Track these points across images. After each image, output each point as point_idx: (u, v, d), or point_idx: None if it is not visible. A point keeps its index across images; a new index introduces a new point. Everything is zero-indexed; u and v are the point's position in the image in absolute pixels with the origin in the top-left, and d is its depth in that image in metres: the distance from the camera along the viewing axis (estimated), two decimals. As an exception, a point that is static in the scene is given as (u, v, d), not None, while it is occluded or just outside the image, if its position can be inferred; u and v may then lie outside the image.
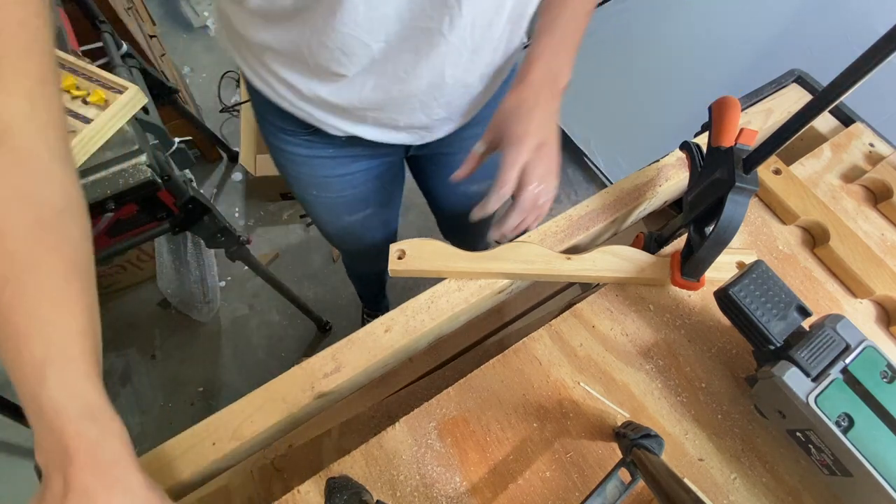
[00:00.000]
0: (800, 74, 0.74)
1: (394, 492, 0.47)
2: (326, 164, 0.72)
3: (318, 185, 0.76)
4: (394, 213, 0.95)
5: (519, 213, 0.50)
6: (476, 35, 0.51)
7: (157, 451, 0.47)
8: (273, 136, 0.70)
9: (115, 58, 0.90)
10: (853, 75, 0.38)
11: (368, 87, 0.55)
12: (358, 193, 0.79)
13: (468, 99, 0.63)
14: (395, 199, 0.92)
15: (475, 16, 0.48)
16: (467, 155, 0.77)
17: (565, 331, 0.55)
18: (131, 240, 0.87)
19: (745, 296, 0.47)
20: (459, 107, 0.64)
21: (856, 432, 0.41)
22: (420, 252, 0.55)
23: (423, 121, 0.63)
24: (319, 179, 0.75)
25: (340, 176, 0.74)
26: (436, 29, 0.48)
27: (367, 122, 0.62)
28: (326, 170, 0.73)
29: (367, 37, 0.48)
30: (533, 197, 0.49)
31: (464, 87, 0.59)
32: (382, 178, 0.80)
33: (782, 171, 0.64)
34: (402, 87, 0.55)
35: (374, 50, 0.50)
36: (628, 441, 0.43)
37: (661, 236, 0.63)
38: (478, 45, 0.53)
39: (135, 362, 1.49)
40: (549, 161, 0.50)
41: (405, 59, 0.52)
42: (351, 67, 0.52)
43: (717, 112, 0.53)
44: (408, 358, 0.58)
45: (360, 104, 0.58)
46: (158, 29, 1.85)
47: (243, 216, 1.76)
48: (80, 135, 0.66)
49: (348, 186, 0.77)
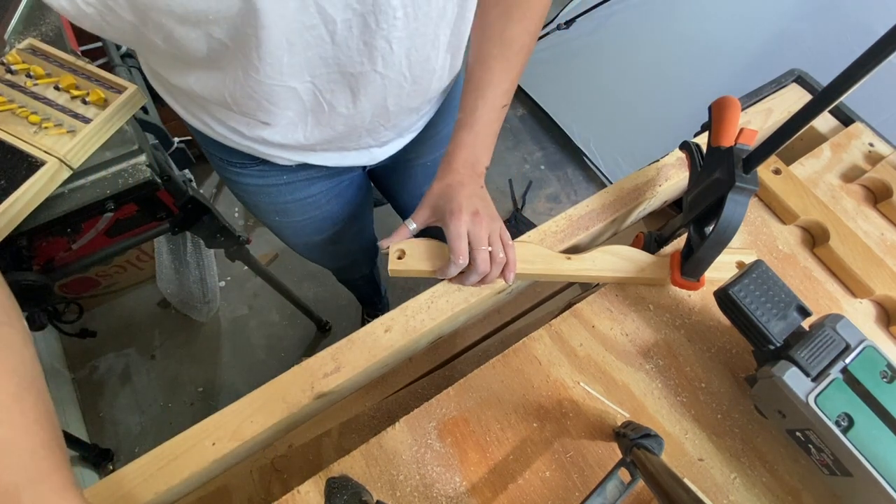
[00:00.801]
0: (800, 74, 0.74)
1: (394, 492, 0.47)
2: (283, 190, 0.70)
3: (280, 211, 0.74)
4: (366, 222, 0.94)
5: (477, 275, 0.51)
6: (416, 69, 0.51)
7: (157, 451, 0.47)
8: (223, 170, 0.68)
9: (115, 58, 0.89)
10: (853, 75, 0.38)
11: (310, 127, 0.54)
12: (323, 213, 0.78)
13: (416, 118, 0.64)
14: (364, 211, 0.90)
15: (409, 50, 0.48)
16: (428, 157, 0.79)
17: (565, 331, 0.55)
18: (131, 240, 0.87)
19: (744, 296, 0.47)
20: (409, 125, 0.64)
21: (856, 432, 0.41)
22: (420, 252, 0.55)
23: (371, 144, 0.63)
24: (279, 206, 0.73)
25: (300, 200, 0.73)
26: (369, 70, 0.48)
27: (315, 152, 0.61)
28: (284, 196, 0.71)
29: (294, 83, 0.46)
30: (485, 258, 0.50)
31: (408, 110, 0.59)
32: (345, 196, 0.78)
33: (782, 171, 0.64)
34: (345, 121, 0.54)
35: (304, 94, 0.49)
36: (628, 441, 0.43)
37: (661, 236, 0.63)
38: (417, 76, 0.53)
39: (135, 362, 1.49)
40: (490, 222, 0.52)
41: (341, 98, 0.51)
42: (282, 115, 0.51)
43: (717, 112, 0.53)
44: (408, 358, 0.58)
45: (305, 141, 0.56)
46: (158, 29, 1.84)
47: (243, 216, 1.76)
48: (79, 135, 0.66)
49: (311, 208, 0.75)
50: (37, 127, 0.66)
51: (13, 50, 0.72)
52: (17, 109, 0.67)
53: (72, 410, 1.35)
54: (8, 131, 0.65)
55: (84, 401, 1.41)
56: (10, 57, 0.71)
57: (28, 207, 0.63)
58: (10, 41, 0.77)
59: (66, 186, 0.68)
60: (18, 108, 0.67)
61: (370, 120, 0.56)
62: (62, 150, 0.65)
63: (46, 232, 0.69)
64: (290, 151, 0.60)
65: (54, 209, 0.67)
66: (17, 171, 0.62)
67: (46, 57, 0.72)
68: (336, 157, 0.63)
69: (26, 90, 0.69)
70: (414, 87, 0.54)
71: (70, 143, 0.65)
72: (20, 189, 0.61)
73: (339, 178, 0.74)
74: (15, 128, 0.66)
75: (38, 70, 0.70)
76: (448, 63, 0.56)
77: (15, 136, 0.65)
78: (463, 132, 0.55)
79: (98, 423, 1.39)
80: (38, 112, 0.67)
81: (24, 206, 0.63)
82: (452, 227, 0.50)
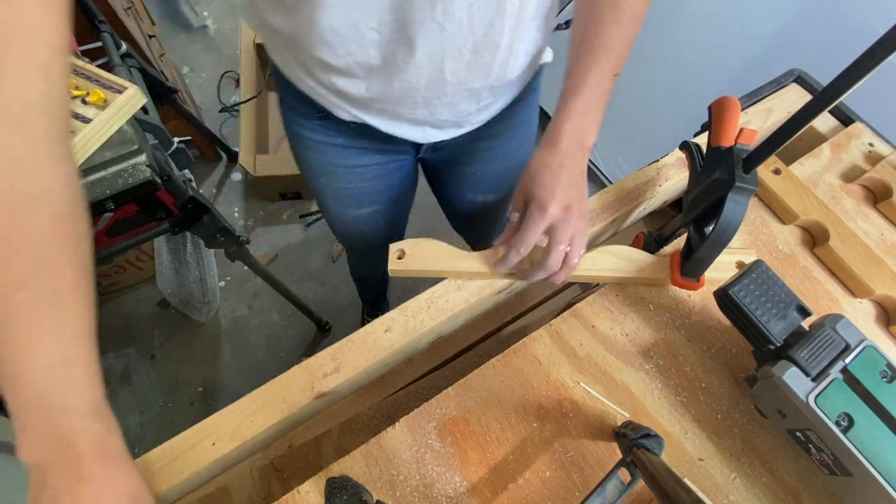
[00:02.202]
0: (800, 74, 0.74)
1: (394, 492, 0.47)
2: (337, 152, 0.73)
3: (328, 173, 0.77)
4: (402, 213, 0.95)
5: (545, 271, 0.50)
6: (477, 33, 0.51)
7: (157, 451, 0.47)
8: (290, 119, 0.72)
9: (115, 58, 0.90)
10: (853, 75, 0.38)
11: (371, 79, 0.56)
12: (366, 188, 0.80)
13: (474, 105, 0.63)
14: (405, 201, 0.92)
15: (471, 6, 0.48)
16: (479, 168, 0.79)
17: (565, 331, 0.55)
18: (131, 240, 0.87)
19: (744, 295, 0.47)
20: (465, 112, 0.64)
21: (856, 432, 0.41)
22: (420, 252, 0.55)
23: (426, 119, 0.63)
24: (329, 168, 0.76)
25: (349, 167, 0.75)
26: (428, 17, 0.48)
27: (372, 110, 0.62)
28: (336, 158, 0.74)
29: (361, 26, 0.49)
30: (559, 257, 0.49)
31: (467, 90, 0.59)
32: (392, 177, 0.80)
33: (782, 171, 0.64)
34: (401, 77, 0.55)
35: (369, 41, 0.51)
36: (628, 441, 0.43)
37: (661, 236, 0.63)
38: (479, 46, 0.53)
39: (135, 362, 1.49)
40: (578, 221, 0.49)
41: (402, 49, 0.52)
42: (347, 60, 0.53)
43: (716, 112, 0.53)
44: (408, 358, 0.58)
45: (366, 93, 0.58)
46: (158, 29, 1.85)
47: (243, 216, 1.76)
48: (79, 135, 0.66)
49: (357, 179, 0.78)
50: (37, 127, 0.66)
51: (13, 50, 0.72)
52: (17, 109, 0.67)
53: (72, 410, 1.35)
54: (8, 131, 0.65)
55: (84, 401, 1.41)
56: (9, 57, 0.71)
57: (28, 207, 0.63)
58: (10, 41, 0.76)
59: (65, 186, 0.68)
60: (18, 108, 0.67)
61: (426, 83, 0.56)
62: (62, 150, 0.65)
63: (46, 232, 0.69)
64: (352, 104, 0.61)
65: (54, 209, 0.67)
66: (16, 171, 0.62)
67: (46, 57, 0.72)
68: (390, 124, 0.64)
69: (26, 90, 0.69)
70: (474, 59, 0.54)
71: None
72: (20, 189, 0.61)
73: (390, 156, 0.76)
74: (15, 128, 0.66)
75: (37, 70, 0.70)
76: (512, 47, 0.55)
77: (15, 136, 0.65)
78: (571, 100, 0.51)
79: (98, 423, 1.39)
80: (37, 112, 0.67)
81: (24, 206, 0.63)
82: (535, 218, 0.48)
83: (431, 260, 0.54)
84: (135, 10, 1.52)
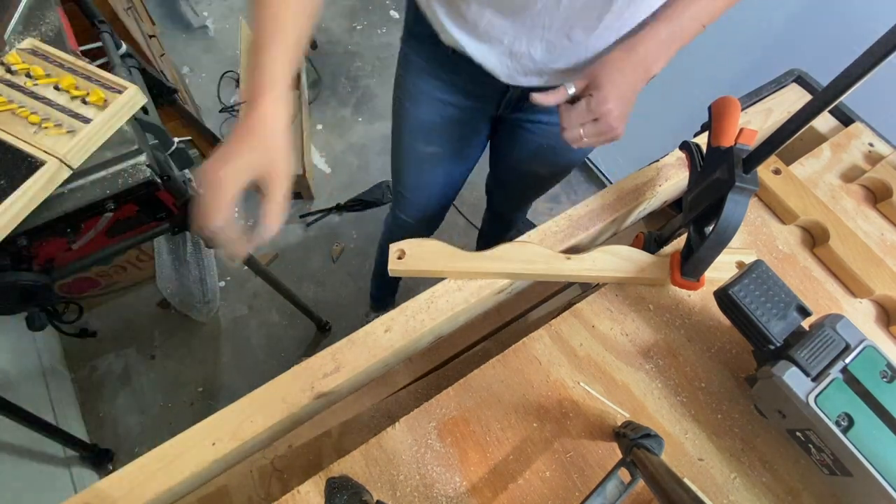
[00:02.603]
0: (800, 74, 0.74)
1: (394, 492, 0.47)
2: (428, 81, 0.78)
3: (413, 97, 0.81)
4: (462, 169, 0.98)
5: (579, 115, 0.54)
6: None
7: (158, 451, 0.47)
8: (405, 43, 0.78)
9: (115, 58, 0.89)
10: (853, 75, 0.38)
11: None
12: (441, 124, 0.83)
13: (565, 56, 0.64)
14: (468, 157, 0.94)
15: None
16: (543, 135, 0.82)
17: (565, 331, 0.55)
18: (131, 240, 0.87)
19: (744, 296, 0.47)
20: (555, 57, 0.64)
21: (856, 432, 0.41)
22: (420, 252, 0.55)
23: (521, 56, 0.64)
24: (416, 91, 0.80)
25: (433, 98, 0.79)
26: None
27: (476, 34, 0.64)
28: (426, 84, 0.78)
29: None
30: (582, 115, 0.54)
31: (567, 36, 0.60)
32: (465, 127, 0.84)
33: (782, 171, 0.64)
34: None
35: None
36: (628, 441, 0.43)
37: (661, 236, 0.63)
38: None
39: (135, 362, 1.49)
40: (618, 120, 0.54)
41: None
42: None
43: (717, 112, 0.53)
44: (408, 358, 0.58)
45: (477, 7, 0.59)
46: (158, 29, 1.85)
47: (242, 216, 1.76)
48: (79, 135, 0.66)
49: (435, 111, 0.81)
50: (37, 127, 0.66)
51: (13, 50, 0.72)
52: (17, 109, 0.67)
53: (71, 410, 1.35)
54: (8, 131, 0.65)
55: (84, 401, 1.41)
56: (10, 57, 0.71)
57: (28, 207, 0.63)
58: (10, 41, 0.77)
59: (65, 186, 0.68)
60: (18, 109, 0.67)
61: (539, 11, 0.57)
62: (62, 150, 0.65)
63: (46, 232, 0.69)
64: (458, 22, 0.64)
65: (54, 209, 0.67)
66: (16, 171, 0.62)
67: (46, 57, 0.72)
68: (483, 50, 0.66)
69: (26, 90, 0.69)
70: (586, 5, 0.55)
71: (70, 143, 0.65)
72: (20, 189, 0.61)
73: (474, 101, 0.79)
74: (15, 128, 0.66)
75: (37, 70, 0.70)
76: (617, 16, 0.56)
77: (15, 136, 0.65)
78: (661, 25, 0.55)
79: (98, 424, 1.39)
80: (37, 112, 0.67)
81: (24, 206, 0.63)
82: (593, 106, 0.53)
83: (431, 260, 0.54)
84: (135, 10, 1.52)
